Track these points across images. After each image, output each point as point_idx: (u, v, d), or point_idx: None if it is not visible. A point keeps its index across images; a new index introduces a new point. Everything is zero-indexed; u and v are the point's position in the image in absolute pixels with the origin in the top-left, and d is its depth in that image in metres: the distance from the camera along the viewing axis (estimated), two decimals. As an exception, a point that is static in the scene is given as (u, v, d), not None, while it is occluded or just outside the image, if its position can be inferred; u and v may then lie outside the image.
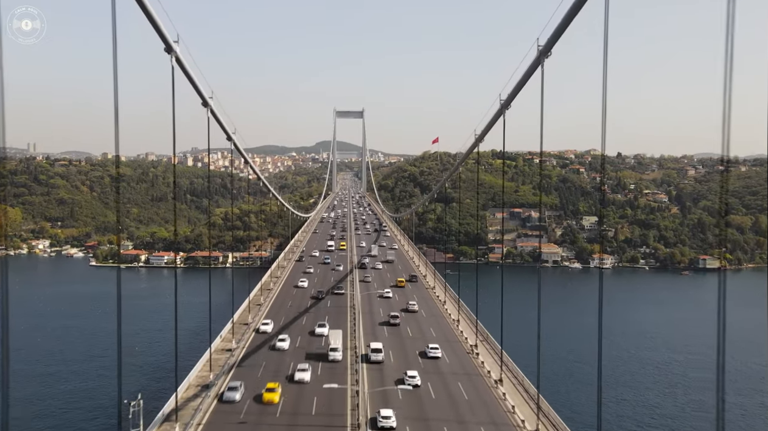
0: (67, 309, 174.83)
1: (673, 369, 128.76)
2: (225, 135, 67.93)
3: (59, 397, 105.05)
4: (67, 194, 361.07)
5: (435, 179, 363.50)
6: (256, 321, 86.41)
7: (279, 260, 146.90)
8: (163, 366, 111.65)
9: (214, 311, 63.99)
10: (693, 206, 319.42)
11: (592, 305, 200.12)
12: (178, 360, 52.44)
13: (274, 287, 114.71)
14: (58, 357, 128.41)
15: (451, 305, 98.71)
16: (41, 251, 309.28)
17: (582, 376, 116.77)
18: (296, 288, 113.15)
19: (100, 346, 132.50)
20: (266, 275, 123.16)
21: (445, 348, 74.53)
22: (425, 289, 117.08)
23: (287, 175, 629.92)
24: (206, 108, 57.20)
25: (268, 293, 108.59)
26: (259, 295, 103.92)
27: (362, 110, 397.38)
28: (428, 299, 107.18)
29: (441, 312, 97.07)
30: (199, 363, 65.92)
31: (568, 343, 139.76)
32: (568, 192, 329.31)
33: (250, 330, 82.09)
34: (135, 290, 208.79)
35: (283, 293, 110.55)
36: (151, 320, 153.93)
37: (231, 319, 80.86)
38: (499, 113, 57.51)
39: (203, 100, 56.41)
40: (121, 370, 38.25)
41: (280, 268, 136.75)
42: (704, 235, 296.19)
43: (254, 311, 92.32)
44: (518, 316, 74.40)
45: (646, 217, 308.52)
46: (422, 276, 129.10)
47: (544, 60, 45.09)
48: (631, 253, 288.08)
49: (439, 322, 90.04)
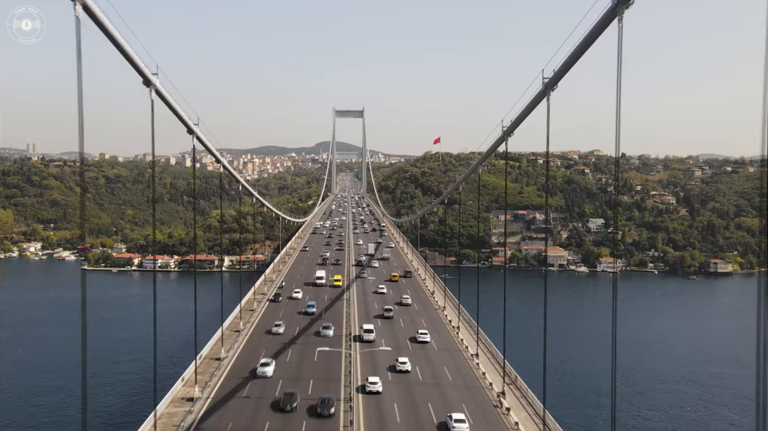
0: (53, 316, 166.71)
1: (695, 385, 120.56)
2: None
3: (27, 411, 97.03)
4: (60, 196, 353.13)
5: (437, 179, 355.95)
6: (230, 355, 70.13)
7: (249, 296, 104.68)
8: (136, 389, 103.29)
9: (203, 320, 57.11)
10: (701, 207, 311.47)
11: (600, 311, 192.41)
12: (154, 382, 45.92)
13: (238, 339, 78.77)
14: (34, 368, 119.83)
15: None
16: (32, 254, 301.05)
17: (590, 390, 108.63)
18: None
19: (77, 358, 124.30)
20: (233, 315, 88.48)
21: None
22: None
23: (286, 176, 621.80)
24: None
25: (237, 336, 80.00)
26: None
27: (362, 109, 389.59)
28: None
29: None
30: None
31: (576, 353, 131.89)
32: (574, 194, 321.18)
33: (222, 369, 65.25)
34: (126, 295, 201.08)
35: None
36: (137, 328, 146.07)
37: (195, 359, 63.05)
38: (502, 140, 56.00)
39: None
40: (86, 390, 35.02)
41: (247, 312, 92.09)
42: (714, 238, 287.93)
43: (230, 340, 76.04)
44: (522, 323, 68.54)
45: (654, 219, 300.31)
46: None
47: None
48: (640, 256, 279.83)
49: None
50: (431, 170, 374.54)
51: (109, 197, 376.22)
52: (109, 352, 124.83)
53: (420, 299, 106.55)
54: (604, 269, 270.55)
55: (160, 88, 43.13)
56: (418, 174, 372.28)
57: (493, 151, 62.92)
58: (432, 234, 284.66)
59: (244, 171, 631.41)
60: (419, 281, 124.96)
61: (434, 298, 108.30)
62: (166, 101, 45.58)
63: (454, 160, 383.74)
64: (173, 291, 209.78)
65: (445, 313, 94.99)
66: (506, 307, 58.14)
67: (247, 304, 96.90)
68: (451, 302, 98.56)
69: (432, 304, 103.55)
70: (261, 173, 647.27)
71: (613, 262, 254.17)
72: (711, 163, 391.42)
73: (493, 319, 75.38)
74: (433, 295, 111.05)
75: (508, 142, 54.83)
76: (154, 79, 41.96)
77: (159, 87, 42.78)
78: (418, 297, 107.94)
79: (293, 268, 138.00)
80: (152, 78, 41.76)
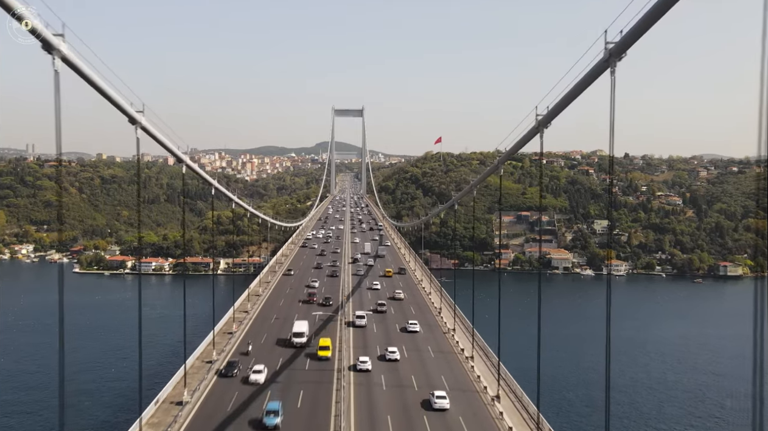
0: (39, 323, 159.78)
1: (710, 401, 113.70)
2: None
3: None
4: (54, 197, 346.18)
5: (438, 180, 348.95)
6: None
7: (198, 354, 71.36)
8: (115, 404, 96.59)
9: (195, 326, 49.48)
10: (708, 208, 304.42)
11: (605, 316, 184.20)
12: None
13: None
14: (10, 382, 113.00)
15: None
16: (24, 256, 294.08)
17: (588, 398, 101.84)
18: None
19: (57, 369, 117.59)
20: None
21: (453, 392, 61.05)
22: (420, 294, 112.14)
23: (285, 176, 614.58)
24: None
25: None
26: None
27: (362, 108, 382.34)
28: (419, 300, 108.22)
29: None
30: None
31: (574, 359, 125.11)
32: (578, 194, 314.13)
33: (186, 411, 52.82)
34: (117, 300, 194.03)
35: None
36: (127, 336, 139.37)
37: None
38: (495, 167, 58.40)
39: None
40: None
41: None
42: (723, 240, 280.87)
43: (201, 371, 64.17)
44: (524, 328, 65.24)
45: (660, 221, 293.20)
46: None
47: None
48: (647, 259, 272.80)
49: (422, 308, 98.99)
50: (432, 170, 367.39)
51: (105, 197, 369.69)
52: (81, 363, 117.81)
53: (416, 301, 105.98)
54: (611, 271, 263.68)
55: (147, 125, 42.58)
56: (419, 175, 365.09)
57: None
58: (433, 236, 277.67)
59: (243, 171, 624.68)
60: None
61: (432, 303, 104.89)
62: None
63: (455, 160, 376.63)
64: (165, 296, 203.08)
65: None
66: (506, 312, 57.62)
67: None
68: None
69: (430, 310, 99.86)
70: (260, 174, 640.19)
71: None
72: (716, 163, 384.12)
73: (491, 324, 69.51)
74: (431, 296, 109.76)
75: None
76: (140, 116, 41.43)
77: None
78: (417, 303, 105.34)
79: (266, 307, 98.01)
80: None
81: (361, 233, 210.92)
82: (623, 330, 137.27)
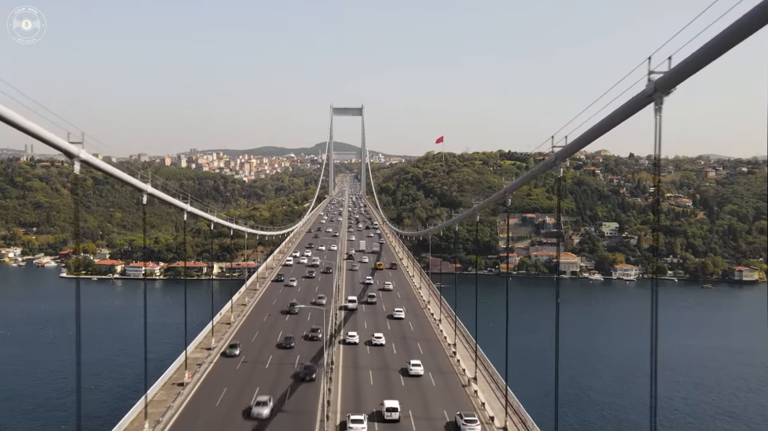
0: (19, 334, 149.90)
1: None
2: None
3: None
4: (44, 198, 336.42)
5: (440, 181, 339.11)
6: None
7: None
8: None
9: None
10: (719, 210, 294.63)
11: (618, 324, 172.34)
12: None
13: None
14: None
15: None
16: (11, 260, 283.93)
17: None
18: None
19: (34, 383, 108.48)
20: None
21: None
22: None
23: (284, 177, 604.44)
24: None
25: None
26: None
27: (361, 107, 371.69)
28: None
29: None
30: None
31: (572, 365, 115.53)
32: (585, 196, 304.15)
33: None
34: (105, 307, 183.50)
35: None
36: (111, 347, 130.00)
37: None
38: (502, 199, 55.22)
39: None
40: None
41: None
42: (736, 243, 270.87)
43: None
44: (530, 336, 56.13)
45: (671, 223, 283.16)
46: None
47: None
48: (658, 263, 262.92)
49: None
50: (434, 170, 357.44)
51: (97, 199, 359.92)
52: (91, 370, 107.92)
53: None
54: (620, 276, 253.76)
55: (153, 191, 46.10)
56: (420, 175, 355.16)
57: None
58: (434, 239, 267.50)
59: (241, 172, 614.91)
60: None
61: (440, 328, 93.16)
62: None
63: (457, 160, 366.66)
64: (155, 303, 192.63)
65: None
66: (509, 318, 51.23)
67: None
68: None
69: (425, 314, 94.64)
70: (258, 174, 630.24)
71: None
72: (724, 163, 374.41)
73: (498, 336, 60.11)
74: (440, 324, 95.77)
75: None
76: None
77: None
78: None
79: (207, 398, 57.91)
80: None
81: (357, 232, 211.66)
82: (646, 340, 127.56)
